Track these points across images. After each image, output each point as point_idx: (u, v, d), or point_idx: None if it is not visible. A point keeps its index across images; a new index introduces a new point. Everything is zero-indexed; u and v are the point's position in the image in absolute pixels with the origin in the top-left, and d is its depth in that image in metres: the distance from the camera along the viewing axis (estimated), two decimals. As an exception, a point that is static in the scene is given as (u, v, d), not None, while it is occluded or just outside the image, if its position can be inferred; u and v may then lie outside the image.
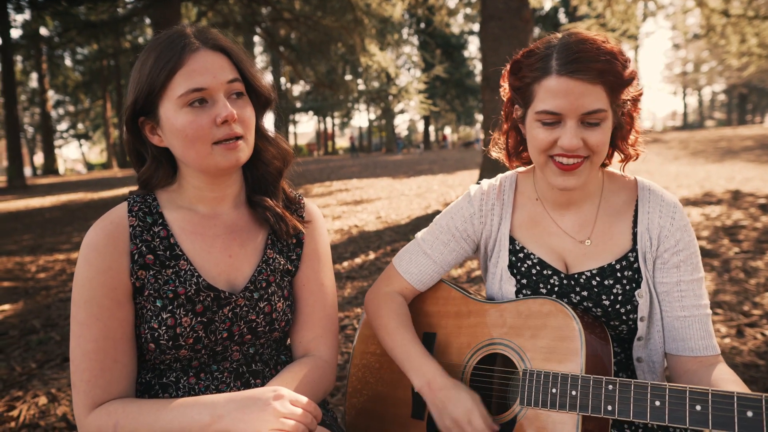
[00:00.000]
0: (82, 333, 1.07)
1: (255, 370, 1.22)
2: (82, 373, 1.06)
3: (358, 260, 5.43)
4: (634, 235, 1.28)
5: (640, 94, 1.24)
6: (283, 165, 1.27)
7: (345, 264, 5.32)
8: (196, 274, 1.14)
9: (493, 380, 1.30)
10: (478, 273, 4.60)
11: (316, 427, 1.02)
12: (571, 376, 1.11)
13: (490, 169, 7.72)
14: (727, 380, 1.13)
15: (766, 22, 10.65)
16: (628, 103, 1.22)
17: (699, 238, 5.11)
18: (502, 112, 1.37)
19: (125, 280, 1.10)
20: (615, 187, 1.33)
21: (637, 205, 1.29)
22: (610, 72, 1.12)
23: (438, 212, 1.42)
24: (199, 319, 1.12)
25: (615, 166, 1.38)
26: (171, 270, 1.13)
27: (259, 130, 1.22)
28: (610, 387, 1.05)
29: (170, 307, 1.11)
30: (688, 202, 7.12)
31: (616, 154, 1.33)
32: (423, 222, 6.87)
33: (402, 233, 6.51)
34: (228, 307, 1.16)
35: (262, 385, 1.20)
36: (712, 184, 8.82)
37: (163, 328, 1.10)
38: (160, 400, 1.05)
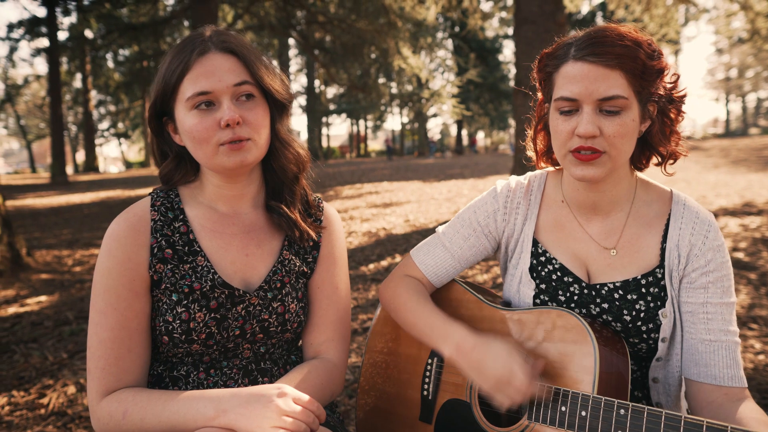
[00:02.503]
0: (99, 321, 1.10)
1: (264, 369, 1.23)
2: (98, 361, 1.09)
3: (384, 263, 5.43)
4: (663, 250, 1.21)
5: (683, 96, 1.18)
6: (299, 170, 1.27)
7: (371, 266, 5.32)
8: (212, 270, 1.16)
9: None
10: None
11: (318, 427, 1.02)
12: (581, 395, 1.06)
13: (521, 173, 7.62)
14: (754, 419, 1.05)
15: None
16: (664, 100, 1.15)
17: (736, 249, 4.94)
18: (535, 112, 1.33)
19: (144, 273, 1.13)
20: (648, 197, 1.26)
21: (669, 220, 1.22)
22: (629, 57, 1.06)
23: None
24: (212, 315, 1.14)
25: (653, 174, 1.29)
26: (188, 265, 1.15)
27: (276, 134, 1.22)
28: (622, 411, 1.00)
29: (185, 302, 1.13)
30: (726, 212, 6.89)
31: (653, 157, 1.25)
32: (451, 226, 6.81)
33: (429, 237, 6.48)
34: (241, 305, 1.18)
35: (270, 383, 1.20)
36: (753, 194, 8.51)
37: (177, 321, 1.12)
38: (169, 392, 1.07)
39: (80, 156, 50.52)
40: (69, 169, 35.26)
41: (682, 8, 11.33)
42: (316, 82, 39.60)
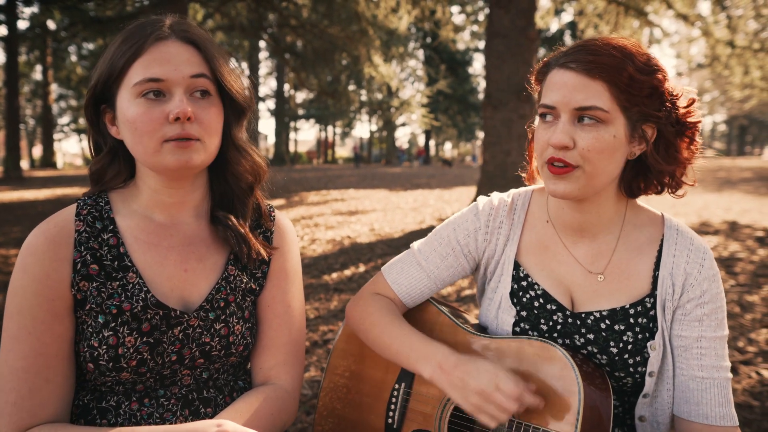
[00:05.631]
0: (12, 347, 0.96)
1: (206, 398, 1.10)
2: (9, 394, 0.95)
3: (347, 272, 5.33)
4: (655, 278, 1.14)
5: (697, 122, 1.07)
6: (255, 180, 1.15)
7: (334, 275, 5.21)
8: (145, 288, 1.03)
9: (476, 425, 1.17)
10: (468, 293, 4.50)
11: None
12: None
13: (487, 185, 7.66)
14: None
15: (770, 56, 10.67)
16: (667, 123, 1.05)
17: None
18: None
19: (65, 291, 0.99)
20: (638, 221, 1.19)
21: (661, 246, 1.15)
22: (614, 67, 0.99)
23: (433, 227, 1.31)
24: (144, 339, 1.01)
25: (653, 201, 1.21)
26: (117, 283, 1.02)
27: (232, 140, 1.11)
28: None
29: (113, 325, 1.00)
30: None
31: (652, 186, 1.14)
32: (416, 237, 6.77)
33: (394, 247, 6.42)
34: (179, 328, 1.05)
35: (214, 414, 1.08)
36: (710, 214, 8.76)
37: (104, 347, 0.99)
38: (94, 429, 0.94)
39: (37, 151, 48.73)
40: (24, 164, 33.90)
41: (646, 31, 11.65)
42: (286, 86, 39.32)
